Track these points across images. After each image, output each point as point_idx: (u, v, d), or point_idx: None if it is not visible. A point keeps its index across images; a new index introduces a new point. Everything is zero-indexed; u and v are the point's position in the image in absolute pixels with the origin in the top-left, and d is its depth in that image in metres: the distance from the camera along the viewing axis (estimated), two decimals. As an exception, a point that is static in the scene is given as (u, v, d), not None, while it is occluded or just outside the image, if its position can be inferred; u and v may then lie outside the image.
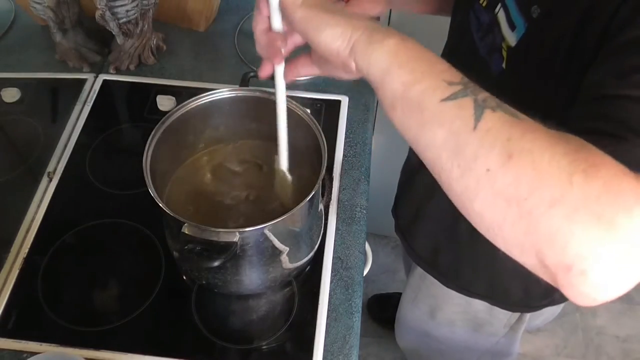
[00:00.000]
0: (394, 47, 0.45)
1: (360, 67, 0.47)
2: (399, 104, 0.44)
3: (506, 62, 0.61)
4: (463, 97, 0.41)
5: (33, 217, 0.87)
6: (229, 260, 0.65)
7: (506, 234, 0.39)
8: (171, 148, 0.76)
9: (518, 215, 0.38)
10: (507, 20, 0.60)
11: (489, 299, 0.89)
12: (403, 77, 0.43)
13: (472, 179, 0.39)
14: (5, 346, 0.74)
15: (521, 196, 0.37)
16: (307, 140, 0.75)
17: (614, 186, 0.36)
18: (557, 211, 0.36)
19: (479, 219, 0.41)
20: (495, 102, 0.41)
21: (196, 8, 1.13)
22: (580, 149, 0.38)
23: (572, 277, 0.37)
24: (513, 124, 0.39)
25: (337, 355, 0.75)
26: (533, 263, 0.39)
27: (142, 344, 0.75)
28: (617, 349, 1.67)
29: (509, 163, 0.38)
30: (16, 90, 1.03)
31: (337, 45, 0.47)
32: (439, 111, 0.41)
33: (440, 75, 0.43)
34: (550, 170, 0.37)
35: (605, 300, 0.38)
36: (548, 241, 0.37)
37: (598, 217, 0.35)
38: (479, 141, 0.39)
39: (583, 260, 0.36)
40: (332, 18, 0.48)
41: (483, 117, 0.40)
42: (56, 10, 1.01)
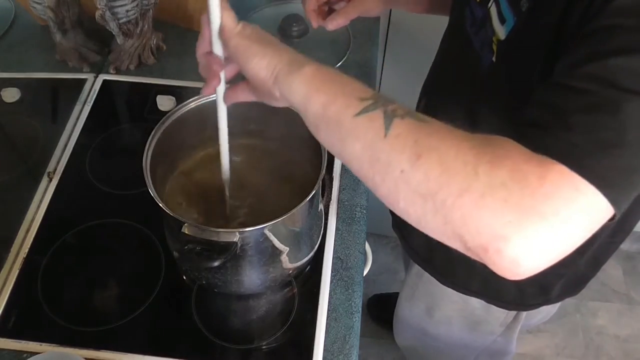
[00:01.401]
0: (310, 75, 0.49)
1: (283, 95, 0.51)
2: (320, 124, 0.48)
3: (496, 56, 0.62)
4: (373, 110, 0.45)
5: (33, 217, 0.87)
6: (229, 260, 0.65)
7: (430, 225, 0.44)
8: (171, 148, 0.76)
9: (434, 208, 0.42)
10: (498, 14, 0.61)
11: (484, 297, 0.89)
12: (320, 99, 0.48)
13: (391, 182, 0.44)
14: (5, 346, 0.74)
15: (432, 190, 0.41)
16: (307, 140, 0.75)
17: (518, 172, 0.40)
18: (465, 200, 0.40)
19: (407, 216, 0.45)
20: (404, 110, 0.45)
21: (196, 8, 1.13)
22: (487, 143, 0.42)
23: (490, 255, 0.41)
24: (420, 127, 0.44)
25: (337, 355, 0.75)
26: (460, 246, 0.43)
27: (142, 344, 0.75)
28: (617, 349, 1.67)
29: (418, 162, 0.42)
30: (16, 90, 1.03)
31: (263, 76, 0.52)
32: (354, 126, 0.46)
33: (353, 94, 0.47)
34: (456, 164, 0.41)
35: (529, 273, 0.42)
36: (463, 227, 0.41)
37: (504, 201, 0.39)
38: (390, 147, 0.43)
39: (496, 240, 0.40)
40: (261, 50, 0.52)
41: (392, 125, 0.44)
42: (56, 10, 1.01)
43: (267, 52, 0.52)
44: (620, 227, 0.75)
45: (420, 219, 0.44)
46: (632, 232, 0.78)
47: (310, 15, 0.82)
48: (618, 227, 0.74)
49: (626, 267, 1.83)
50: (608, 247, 0.80)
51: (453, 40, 0.77)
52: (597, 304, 1.75)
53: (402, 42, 1.26)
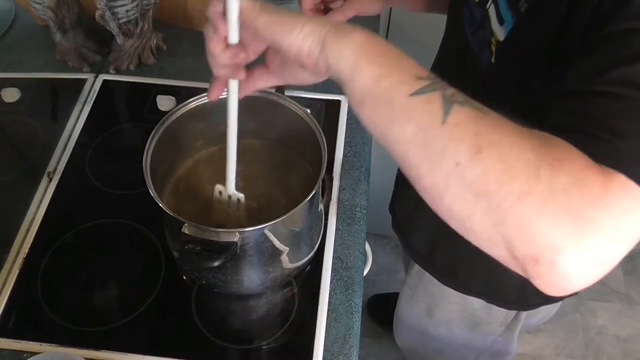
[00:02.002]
0: (361, 42, 0.44)
1: (330, 63, 0.45)
2: (367, 99, 0.43)
3: (495, 57, 0.62)
4: (431, 92, 0.41)
5: (33, 217, 0.87)
6: (229, 260, 0.65)
7: (476, 227, 0.40)
8: (171, 148, 0.76)
9: (487, 209, 0.38)
10: (497, 15, 0.60)
11: (485, 297, 0.89)
12: (372, 72, 0.43)
13: (442, 173, 0.40)
14: (5, 346, 0.74)
15: (490, 189, 0.38)
16: (307, 141, 0.75)
17: (580, 179, 0.37)
18: (525, 204, 0.37)
19: (449, 213, 0.41)
20: (463, 97, 0.41)
21: (196, 8, 1.13)
22: (547, 143, 0.39)
23: (540, 267, 0.38)
24: (481, 118, 0.40)
25: (337, 355, 0.75)
26: (503, 255, 0.40)
27: (142, 344, 0.75)
28: (617, 349, 1.67)
29: (477, 156, 0.38)
30: (16, 90, 1.03)
31: (309, 44, 0.46)
32: (408, 106, 0.41)
33: (409, 70, 0.43)
34: (518, 164, 0.38)
35: (575, 289, 0.39)
36: (516, 233, 0.38)
37: (565, 209, 0.36)
38: (448, 135, 0.39)
39: (551, 251, 0.37)
40: (296, 20, 0.46)
41: (451, 111, 0.40)
42: (56, 10, 1.01)
43: (305, 20, 0.46)
44: None
45: (466, 218, 0.40)
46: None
47: (306, 14, 0.81)
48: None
49: (626, 267, 1.83)
50: None
51: (451, 41, 0.77)
52: (597, 304, 1.75)
53: (402, 42, 1.26)
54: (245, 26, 0.49)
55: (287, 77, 0.54)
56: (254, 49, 0.53)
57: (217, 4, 0.49)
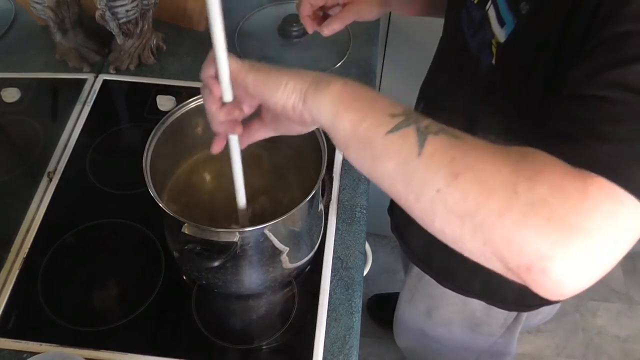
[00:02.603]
0: (338, 92, 0.47)
1: (313, 116, 0.49)
2: (350, 143, 0.46)
3: (495, 58, 0.62)
4: (406, 127, 0.43)
5: (33, 217, 0.87)
6: (229, 260, 0.65)
7: (468, 246, 0.42)
8: (171, 148, 0.76)
9: (472, 228, 0.40)
10: (497, 17, 0.60)
11: (484, 299, 0.89)
12: (349, 118, 0.46)
13: (427, 202, 0.42)
14: (5, 346, 0.74)
15: (471, 211, 0.40)
16: (307, 140, 0.75)
17: (559, 188, 0.38)
18: (506, 220, 0.39)
19: (443, 236, 0.43)
20: (438, 127, 0.43)
21: (196, 8, 1.13)
22: (522, 158, 0.40)
23: (534, 275, 0.39)
24: (455, 145, 0.42)
25: (337, 355, 0.75)
26: (499, 267, 0.41)
27: (142, 344, 0.75)
28: (617, 349, 1.67)
29: (455, 182, 0.40)
30: (16, 90, 1.03)
31: (292, 100, 0.49)
32: (386, 144, 0.44)
33: (383, 110, 0.45)
34: (494, 183, 0.39)
35: (574, 292, 0.40)
36: (504, 248, 0.39)
37: (548, 219, 0.38)
38: (425, 166, 0.42)
39: (541, 260, 0.38)
40: (282, 76, 0.50)
41: (426, 143, 0.42)
42: (56, 10, 1.01)
43: (290, 76, 0.49)
44: None
45: (457, 239, 0.42)
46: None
47: (305, 21, 0.81)
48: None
49: (626, 267, 1.83)
50: None
51: (450, 43, 0.77)
52: (597, 304, 1.75)
53: (402, 42, 1.26)
54: (237, 85, 0.53)
55: (280, 129, 0.57)
56: (249, 104, 0.55)
57: (209, 68, 0.53)
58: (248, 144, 0.59)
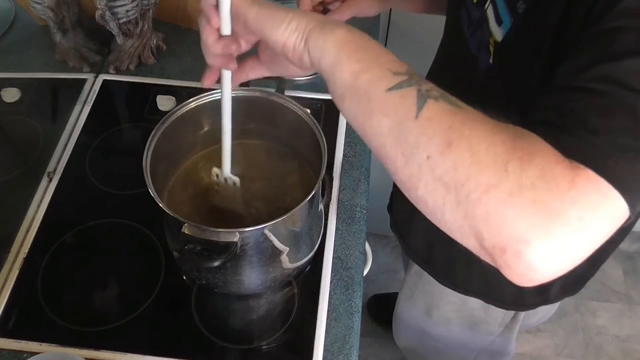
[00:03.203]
0: (342, 37, 0.46)
1: (313, 58, 0.47)
2: (346, 93, 0.45)
3: (493, 57, 0.62)
4: (407, 87, 0.42)
5: (33, 217, 0.87)
6: (229, 260, 0.65)
7: (447, 217, 0.41)
8: (171, 148, 0.76)
9: (456, 200, 0.40)
10: (495, 16, 0.61)
11: (483, 297, 0.89)
12: (351, 67, 0.45)
13: (415, 166, 0.41)
14: (5, 346, 0.74)
15: (459, 182, 0.39)
16: (307, 140, 0.75)
17: (548, 173, 0.38)
18: (492, 196, 0.38)
19: (423, 204, 0.42)
20: (439, 92, 0.43)
21: (196, 8, 1.13)
22: (518, 138, 0.40)
23: (507, 258, 0.39)
24: (454, 112, 0.41)
25: (337, 355, 0.75)
26: (473, 245, 0.41)
27: (142, 344, 0.75)
28: (617, 349, 1.67)
29: (448, 150, 0.40)
30: (16, 90, 1.03)
31: (294, 39, 0.48)
32: (384, 100, 0.43)
33: (386, 65, 0.44)
34: (487, 157, 0.39)
35: (542, 280, 0.40)
36: (484, 225, 0.39)
37: (532, 202, 0.37)
38: (421, 129, 0.41)
39: (517, 242, 0.38)
40: (285, 14, 0.48)
41: (425, 106, 0.41)
42: (56, 10, 1.01)
43: (294, 14, 0.48)
44: None
45: (438, 209, 0.41)
46: (632, 232, 0.78)
47: None
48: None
49: (626, 267, 1.83)
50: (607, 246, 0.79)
51: (450, 42, 0.77)
52: (596, 304, 1.75)
53: (402, 42, 1.26)
54: (237, 18, 0.51)
55: (277, 69, 0.56)
56: (246, 40, 0.54)
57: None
58: (241, 82, 0.58)
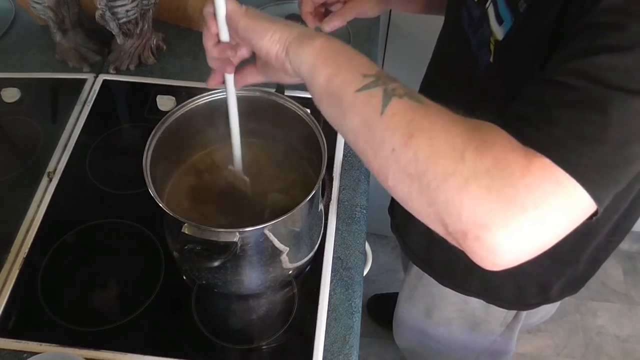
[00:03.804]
0: (319, 47, 0.51)
1: (293, 67, 0.52)
2: (323, 96, 0.50)
3: (493, 56, 0.62)
4: (374, 88, 0.46)
5: (33, 217, 0.87)
6: (229, 260, 0.65)
7: (415, 206, 0.45)
8: (171, 148, 0.76)
9: (419, 189, 0.43)
10: (496, 15, 0.61)
11: (484, 297, 0.89)
12: (325, 72, 0.49)
13: (383, 159, 0.45)
14: (5, 346, 0.74)
15: (420, 171, 0.42)
16: (307, 140, 0.75)
17: (503, 161, 0.40)
18: (450, 184, 0.41)
19: (395, 194, 0.46)
20: (404, 90, 0.46)
21: (196, 8, 1.13)
22: (477, 129, 0.43)
23: (469, 242, 0.42)
24: (416, 108, 0.45)
25: (337, 355, 0.75)
26: (441, 230, 0.44)
27: (142, 344, 0.75)
28: (617, 349, 1.67)
29: (409, 142, 0.43)
30: (16, 90, 1.03)
31: (276, 49, 0.53)
32: (354, 101, 0.47)
33: (357, 69, 0.48)
34: (445, 148, 0.42)
35: (507, 264, 0.42)
36: (445, 211, 0.42)
37: (487, 189, 0.40)
38: (385, 125, 0.45)
39: (476, 227, 0.41)
40: (271, 25, 0.54)
41: (390, 104, 0.45)
42: (56, 10, 1.01)
43: (278, 26, 0.53)
44: (619, 226, 0.75)
45: (406, 198, 0.45)
46: (632, 232, 0.78)
47: (306, 17, 0.82)
48: (617, 226, 0.74)
49: (626, 267, 1.83)
50: (607, 246, 0.80)
51: (450, 41, 0.77)
52: (597, 304, 1.75)
53: (402, 42, 1.26)
54: (230, 27, 0.57)
55: (270, 76, 0.60)
56: (241, 53, 0.59)
57: (210, 5, 0.56)
58: (242, 85, 0.63)
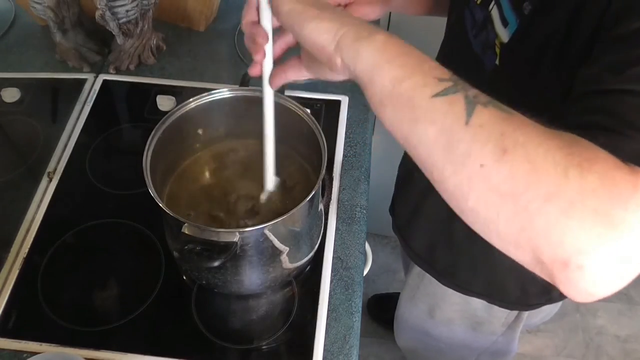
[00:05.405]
0: (381, 43, 0.44)
1: (347, 64, 0.46)
2: (388, 100, 0.43)
3: (499, 59, 0.61)
4: (454, 94, 0.40)
5: (33, 217, 0.87)
6: (229, 260, 0.65)
7: (501, 230, 0.39)
8: (171, 148, 0.76)
9: (513, 211, 0.37)
10: (500, 17, 0.60)
11: (486, 298, 0.89)
12: (392, 73, 0.43)
13: (465, 176, 0.39)
14: (5, 346, 0.74)
15: (517, 191, 0.37)
16: (307, 140, 0.75)
17: (609, 179, 0.36)
18: (553, 206, 0.36)
19: (474, 216, 0.40)
20: (486, 98, 0.41)
21: (196, 8, 1.13)
22: (574, 143, 0.38)
23: (569, 272, 0.37)
24: (505, 119, 0.39)
25: (337, 355, 0.75)
26: (529, 260, 0.39)
27: (142, 344, 0.75)
28: (617, 349, 1.67)
29: (503, 158, 0.37)
30: (16, 90, 1.03)
31: (323, 40, 0.46)
32: (430, 107, 0.41)
33: (430, 72, 0.42)
34: (546, 164, 0.36)
35: (603, 295, 0.38)
36: (544, 236, 0.37)
37: (594, 210, 0.35)
38: (472, 136, 0.39)
39: (580, 254, 0.36)
40: (319, 13, 0.47)
41: (475, 112, 0.39)
42: (56, 10, 1.01)
43: (327, 15, 0.46)
44: None
45: (491, 221, 0.39)
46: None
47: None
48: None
49: (626, 267, 1.83)
50: None
51: (452, 43, 0.77)
52: (597, 304, 1.75)
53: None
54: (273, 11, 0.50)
55: (317, 71, 0.53)
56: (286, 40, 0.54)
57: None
58: (282, 82, 0.55)
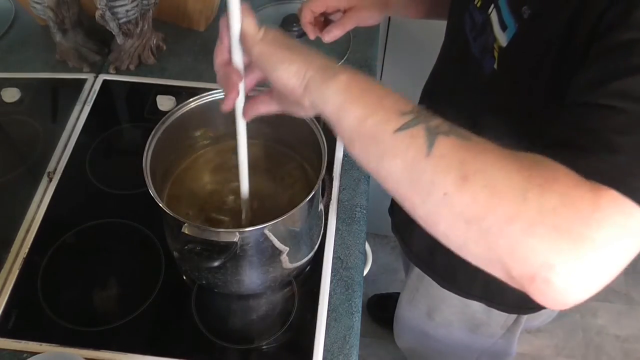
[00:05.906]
0: (345, 83, 0.46)
1: (315, 105, 0.48)
2: (355, 138, 0.45)
3: (497, 63, 0.61)
4: (415, 126, 0.42)
5: (33, 217, 0.87)
6: (229, 260, 0.65)
7: (472, 251, 0.41)
8: (171, 148, 0.76)
9: (478, 234, 0.39)
10: (499, 21, 0.60)
11: (486, 301, 0.89)
12: (356, 112, 0.44)
13: (432, 204, 0.41)
14: (5, 346, 0.74)
15: (479, 216, 0.39)
16: (307, 140, 0.75)
17: (569, 198, 0.37)
18: (514, 227, 0.38)
19: (446, 240, 0.42)
20: (448, 127, 0.42)
21: (196, 8, 1.13)
22: (535, 164, 0.39)
23: (537, 285, 0.38)
24: (466, 147, 0.41)
25: (337, 355, 0.75)
26: (502, 275, 0.41)
27: (142, 344, 0.75)
28: (617, 349, 1.67)
29: (464, 185, 0.39)
30: (16, 90, 1.03)
31: (292, 83, 0.48)
32: (393, 142, 0.42)
33: (392, 107, 0.44)
34: (504, 188, 0.38)
35: (576, 302, 0.39)
36: (509, 255, 0.39)
37: (555, 228, 0.37)
38: (433, 167, 0.40)
39: (545, 270, 0.38)
40: (288, 55, 0.48)
41: (436, 143, 0.41)
42: (56, 10, 1.01)
43: (295, 58, 0.48)
44: None
45: (462, 244, 0.41)
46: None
47: (306, 28, 0.80)
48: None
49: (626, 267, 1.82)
50: None
51: (452, 46, 0.77)
52: (597, 304, 1.75)
53: (402, 42, 1.26)
54: (244, 51, 0.52)
55: (287, 107, 0.55)
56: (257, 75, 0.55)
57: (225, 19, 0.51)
58: (252, 116, 0.57)
